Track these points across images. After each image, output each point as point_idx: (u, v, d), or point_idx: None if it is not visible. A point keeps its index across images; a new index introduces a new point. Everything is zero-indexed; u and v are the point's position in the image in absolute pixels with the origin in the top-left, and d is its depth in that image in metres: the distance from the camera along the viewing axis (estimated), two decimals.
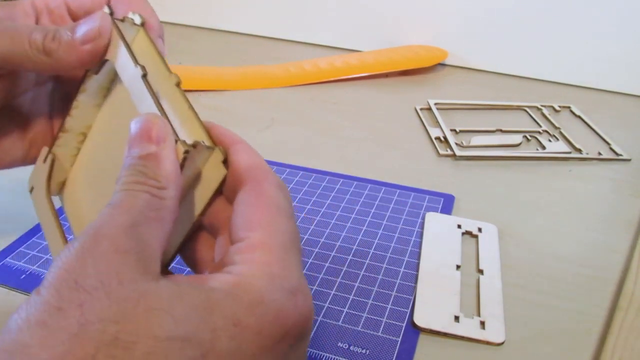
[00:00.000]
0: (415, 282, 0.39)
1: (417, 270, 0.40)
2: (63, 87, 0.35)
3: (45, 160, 0.32)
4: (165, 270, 0.23)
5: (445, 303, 0.37)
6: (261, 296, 0.19)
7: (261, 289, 0.20)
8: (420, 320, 0.36)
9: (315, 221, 0.46)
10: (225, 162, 0.25)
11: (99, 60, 0.29)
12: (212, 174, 0.25)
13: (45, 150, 0.32)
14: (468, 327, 0.35)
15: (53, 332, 0.16)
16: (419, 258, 0.42)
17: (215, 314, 0.18)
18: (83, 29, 0.28)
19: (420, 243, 0.43)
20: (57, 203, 0.33)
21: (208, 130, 0.25)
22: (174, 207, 0.22)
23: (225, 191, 0.25)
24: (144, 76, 0.26)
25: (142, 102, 0.26)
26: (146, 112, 0.24)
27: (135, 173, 0.21)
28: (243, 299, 0.19)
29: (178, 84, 0.26)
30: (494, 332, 0.35)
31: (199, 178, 0.25)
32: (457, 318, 0.36)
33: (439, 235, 0.44)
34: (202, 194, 0.25)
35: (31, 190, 0.33)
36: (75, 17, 0.33)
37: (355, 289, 0.39)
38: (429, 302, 0.37)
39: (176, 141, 0.23)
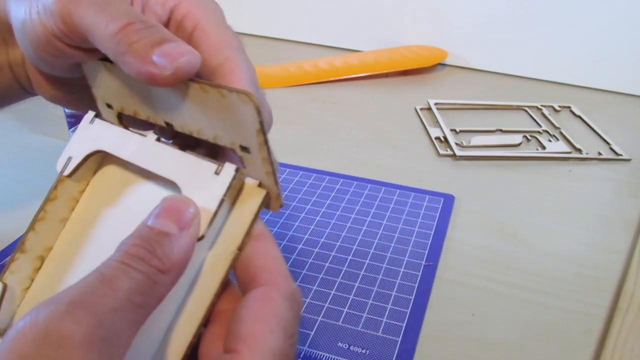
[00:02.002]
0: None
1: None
2: None
3: None
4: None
5: None
6: None
7: None
8: None
9: (315, 221, 0.46)
10: (260, 185, 0.24)
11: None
12: (249, 201, 0.24)
13: None
14: None
15: None
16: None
17: None
18: (166, 48, 0.22)
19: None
20: None
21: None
22: (162, 297, 0.20)
23: (239, 283, 0.24)
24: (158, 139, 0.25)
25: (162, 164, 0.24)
26: (182, 195, 0.22)
27: (143, 245, 0.20)
28: None
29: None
30: None
31: (235, 209, 0.24)
32: None
33: None
34: (242, 223, 0.24)
35: None
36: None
37: (355, 289, 0.39)
38: None
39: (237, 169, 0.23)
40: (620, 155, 0.59)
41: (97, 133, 0.27)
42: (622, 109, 0.71)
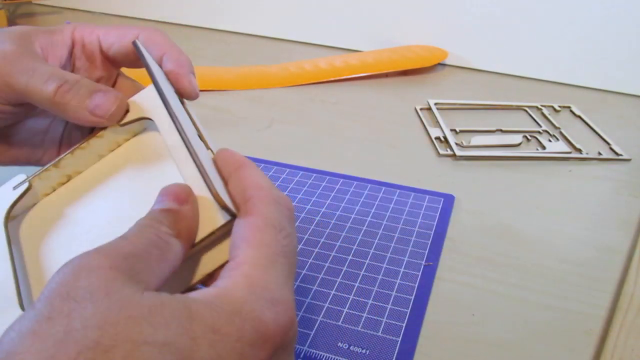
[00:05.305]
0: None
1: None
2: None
3: (16, 188, 0.30)
4: None
5: None
6: (240, 306, 0.20)
7: (240, 299, 0.21)
8: None
9: (315, 221, 0.46)
10: None
11: (106, 125, 0.30)
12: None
13: (20, 177, 0.31)
14: None
15: (41, 339, 0.17)
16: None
17: (194, 322, 0.19)
18: (98, 101, 0.29)
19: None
20: None
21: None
22: (179, 256, 0.23)
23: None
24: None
25: (186, 168, 0.26)
26: (179, 182, 0.25)
27: (152, 219, 0.23)
28: (223, 309, 0.20)
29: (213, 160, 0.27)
30: None
31: (216, 244, 0.25)
32: None
33: None
34: (215, 257, 0.25)
35: None
36: (105, 55, 0.34)
37: (355, 289, 0.39)
38: None
39: (225, 208, 0.24)
40: (620, 155, 0.59)
41: (153, 103, 0.30)
42: (622, 109, 0.71)
